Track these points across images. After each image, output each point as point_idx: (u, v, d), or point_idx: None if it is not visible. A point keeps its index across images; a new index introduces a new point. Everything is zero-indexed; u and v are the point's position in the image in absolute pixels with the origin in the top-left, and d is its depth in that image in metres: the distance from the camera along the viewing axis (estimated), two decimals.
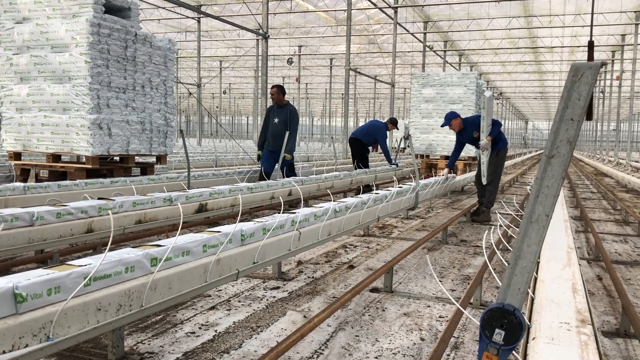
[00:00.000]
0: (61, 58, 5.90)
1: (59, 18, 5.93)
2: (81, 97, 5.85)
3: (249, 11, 17.95)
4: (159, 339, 2.88)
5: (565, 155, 1.31)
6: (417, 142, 12.15)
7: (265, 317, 3.27)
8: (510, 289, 1.34)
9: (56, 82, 5.98)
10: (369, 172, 9.58)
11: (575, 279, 2.54)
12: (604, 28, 23.46)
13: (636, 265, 5.00)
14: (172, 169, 9.77)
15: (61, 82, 5.96)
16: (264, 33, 11.73)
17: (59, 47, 5.93)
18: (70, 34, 5.83)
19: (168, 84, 6.94)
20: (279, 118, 7.87)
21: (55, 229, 3.53)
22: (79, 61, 5.81)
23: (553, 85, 43.35)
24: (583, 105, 1.29)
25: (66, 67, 5.88)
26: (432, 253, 5.28)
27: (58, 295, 1.90)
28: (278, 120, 7.86)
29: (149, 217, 4.38)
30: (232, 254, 2.81)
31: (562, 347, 1.72)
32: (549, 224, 1.31)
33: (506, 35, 26.84)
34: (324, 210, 3.92)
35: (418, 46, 26.08)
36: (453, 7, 21.82)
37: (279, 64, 34.91)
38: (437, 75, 12.18)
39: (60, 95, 5.94)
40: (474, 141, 7.41)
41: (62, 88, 5.93)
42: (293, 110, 7.96)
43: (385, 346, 2.87)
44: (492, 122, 7.08)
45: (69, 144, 5.99)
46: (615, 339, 3.07)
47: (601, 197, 11.32)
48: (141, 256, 2.26)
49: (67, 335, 1.91)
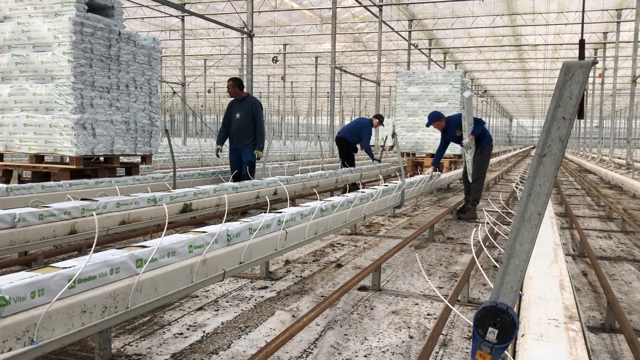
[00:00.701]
0: (43, 57, 5.82)
1: (41, 17, 5.85)
2: (64, 97, 5.78)
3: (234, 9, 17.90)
4: (147, 341, 2.84)
5: (557, 154, 1.30)
6: (403, 140, 12.19)
7: (254, 317, 3.25)
8: (503, 287, 1.33)
9: (38, 81, 5.90)
10: (354, 171, 9.59)
11: (563, 276, 2.55)
12: (587, 26, 23.68)
13: (620, 261, 5.05)
14: (158, 169, 9.70)
15: (43, 81, 5.88)
16: (248, 31, 11.68)
17: (41, 47, 5.85)
18: (52, 32, 5.75)
19: (152, 83, 6.87)
20: (240, 112, 7.23)
21: (37, 230, 3.48)
22: (62, 60, 5.74)
23: (537, 82, 43.72)
24: (575, 104, 1.29)
25: (49, 67, 5.80)
26: (420, 251, 5.29)
27: (42, 298, 1.86)
28: (240, 115, 7.22)
29: (133, 217, 4.34)
30: (219, 254, 2.79)
31: (551, 344, 1.72)
32: (541, 223, 1.30)
33: (490, 34, 27.02)
34: (310, 209, 3.91)
35: (403, 44, 26.14)
36: (437, 5, 21.91)
37: (264, 62, 34.82)
38: (422, 74, 12.23)
39: (43, 95, 5.86)
40: (458, 140, 7.43)
41: (45, 88, 5.85)
42: (255, 102, 7.30)
43: (374, 345, 2.86)
44: (475, 121, 7.12)
45: (53, 145, 5.92)
46: (601, 334, 3.10)
47: (585, 194, 11.44)
48: (126, 257, 2.24)
49: (51, 338, 1.88)
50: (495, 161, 19.97)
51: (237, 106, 7.28)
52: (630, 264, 4.95)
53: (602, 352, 2.84)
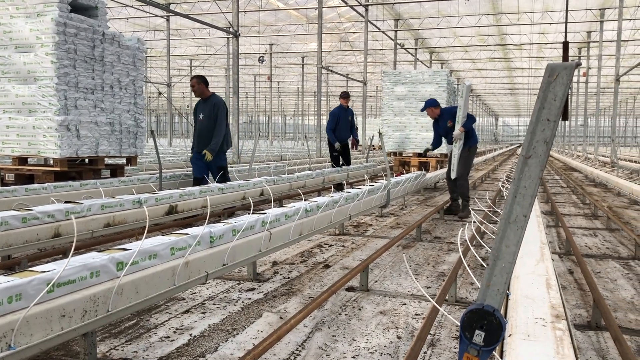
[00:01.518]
0: (26, 58, 5.74)
1: (23, 17, 5.77)
2: (48, 98, 5.70)
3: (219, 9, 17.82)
4: (133, 344, 2.80)
5: (542, 156, 1.29)
6: (389, 139, 12.19)
7: (241, 319, 3.22)
8: (490, 289, 1.32)
9: (21, 83, 5.82)
10: (341, 171, 9.58)
11: (549, 274, 2.55)
12: (571, 25, 23.88)
13: (605, 259, 5.08)
14: (143, 170, 9.62)
15: (26, 83, 5.79)
16: (234, 31, 11.63)
17: (24, 47, 5.76)
18: (35, 33, 5.67)
19: (137, 84, 6.80)
20: (203, 113, 6.72)
21: (20, 234, 3.42)
22: (45, 61, 5.66)
23: (522, 81, 44.07)
24: (559, 106, 1.28)
25: (31, 68, 5.72)
26: (407, 250, 5.28)
27: (19, 303, 1.82)
28: (203, 116, 6.72)
29: (117, 220, 4.29)
30: (201, 256, 2.76)
31: (538, 343, 1.71)
32: (527, 224, 1.29)
33: (476, 33, 27.18)
34: (294, 210, 3.89)
35: (389, 44, 26.23)
36: (423, 5, 21.99)
37: (250, 62, 34.73)
38: (409, 73, 12.24)
39: (26, 96, 5.78)
40: (447, 132, 7.51)
41: (28, 89, 5.77)
42: (218, 101, 6.73)
43: (362, 345, 2.85)
44: (467, 115, 7.20)
45: (36, 147, 5.84)
46: (587, 332, 3.10)
47: (571, 192, 11.52)
48: (106, 260, 2.20)
49: (29, 343, 1.84)
50: (482, 160, 20.08)
51: (202, 106, 6.81)
52: (616, 261, 4.98)
53: (588, 350, 2.84)
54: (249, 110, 62.85)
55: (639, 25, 23.12)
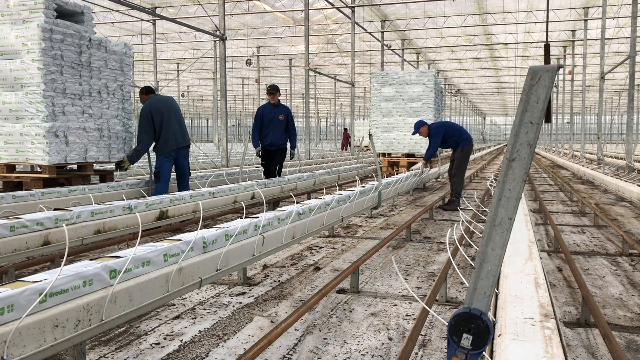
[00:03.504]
0: (12, 65, 5.72)
1: (8, 24, 5.74)
2: (35, 105, 5.69)
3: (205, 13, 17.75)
4: (123, 352, 2.80)
5: (525, 158, 1.31)
6: (378, 140, 12.24)
7: (232, 324, 3.22)
8: (477, 293, 1.34)
9: (7, 90, 5.79)
10: (332, 173, 9.59)
11: (537, 273, 2.58)
12: (555, 24, 24.15)
13: (594, 255, 5.14)
14: (132, 176, 9.58)
15: (13, 89, 5.77)
16: (221, 35, 11.62)
17: (9, 54, 5.74)
18: (20, 40, 5.65)
19: (125, 89, 6.78)
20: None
21: (8, 242, 3.40)
22: (32, 68, 5.64)
23: (509, 80, 44.36)
24: (542, 108, 1.30)
25: (18, 75, 5.70)
26: (397, 251, 5.31)
27: (11, 314, 1.82)
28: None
29: (108, 226, 4.27)
30: (195, 262, 2.76)
31: (527, 343, 1.74)
32: (512, 227, 1.31)
33: (462, 33, 27.33)
34: (287, 213, 3.90)
35: (376, 45, 26.30)
36: (409, 6, 22.08)
37: (237, 65, 34.69)
38: (396, 74, 12.29)
39: (13, 103, 5.76)
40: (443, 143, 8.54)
41: (14, 96, 5.75)
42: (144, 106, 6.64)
43: (353, 348, 2.86)
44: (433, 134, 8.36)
45: (24, 154, 5.83)
46: (577, 329, 3.14)
47: (558, 190, 11.62)
48: (99, 268, 2.19)
49: (22, 355, 1.83)
50: (470, 159, 20.17)
51: None
52: (604, 258, 5.04)
53: (578, 347, 2.88)
54: (237, 113, 62.71)
55: (622, 23, 23.36)
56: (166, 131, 6.50)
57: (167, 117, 6.52)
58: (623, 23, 23.22)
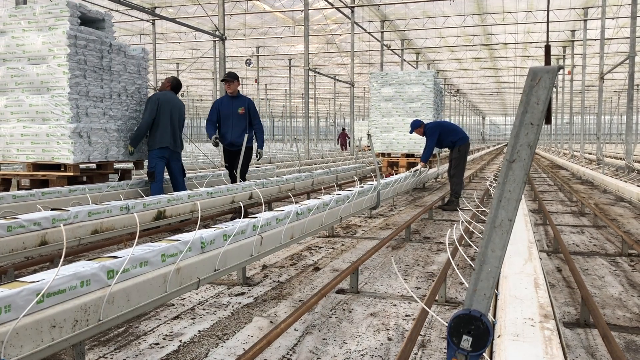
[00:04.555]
0: (39, 69, 5.98)
1: (35, 31, 6.00)
2: (60, 107, 5.93)
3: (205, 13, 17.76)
4: (122, 352, 2.79)
5: (526, 160, 1.30)
6: (378, 140, 12.23)
7: (231, 324, 3.21)
8: (476, 294, 1.33)
9: (34, 93, 6.06)
10: (330, 173, 9.59)
11: (537, 274, 2.57)
12: (555, 24, 24.16)
13: (593, 256, 5.14)
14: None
15: (39, 92, 6.04)
16: (220, 35, 11.62)
17: (36, 59, 6.01)
18: (47, 46, 5.91)
19: (142, 92, 7.03)
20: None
21: (6, 243, 3.39)
22: (57, 72, 5.90)
23: (508, 80, 44.37)
24: (542, 109, 1.29)
25: (44, 78, 5.97)
26: (397, 251, 5.30)
27: (9, 314, 1.81)
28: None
29: (105, 226, 4.26)
30: (192, 262, 2.75)
31: (527, 344, 1.73)
32: (512, 229, 1.30)
33: (461, 33, 27.34)
34: (285, 213, 3.89)
35: (376, 45, 26.30)
36: (409, 6, 22.08)
37: (237, 65, 34.68)
38: (396, 74, 12.29)
39: (39, 105, 6.03)
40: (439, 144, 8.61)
41: (41, 99, 6.02)
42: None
43: (353, 348, 2.85)
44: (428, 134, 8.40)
45: (50, 153, 6.08)
46: (576, 329, 3.13)
47: (558, 190, 11.62)
48: (97, 269, 2.18)
49: (19, 355, 1.82)
50: (469, 159, 20.18)
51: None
52: (603, 258, 5.03)
53: (577, 348, 2.87)
54: None
55: (622, 23, 23.37)
56: (163, 128, 6.60)
57: (169, 116, 6.64)
58: (622, 23, 23.23)
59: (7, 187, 6.43)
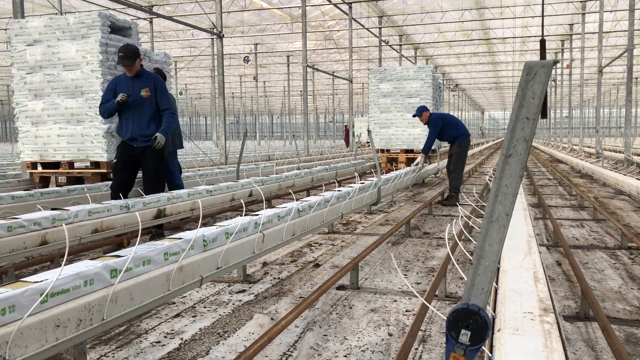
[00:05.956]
0: (73, 75, 6.53)
1: (69, 40, 6.54)
2: (94, 109, 6.44)
3: (202, 10, 17.74)
4: (124, 351, 2.80)
5: (522, 154, 1.32)
6: (377, 137, 12.24)
7: (232, 321, 3.23)
8: (474, 288, 1.34)
9: (69, 96, 6.61)
10: (329, 169, 9.59)
11: (537, 268, 2.58)
12: (553, 18, 24.13)
13: (593, 249, 5.15)
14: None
15: (74, 96, 6.60)
16: (218, 32, 11.61)
17: (70, 65, 6.55)
18: (80, 53, 6.46)
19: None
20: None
21: (6, 243, 3.40)
22: (90, 77, 6.46)
23: (507, 75, 44.36)
24: (538, 104, 1.30)
25: (78, 83, 6.53)
26: (397, 247, 5.31)
27: (13, 315, 1.82)
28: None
29: (105, 225, 4.28)
30: (195, 260, 2.76)
31: (526, 337, 1.75)
32: (509, 223, 1.31)
33: (459, 28, 27.31)
34: (287, 210, 3.90)
35: (374, 41, 26.28)
36: (407, 1, 22.06)
37: (235, 62, 34.63)
38: (394, 70, 12.28)
39: (74, 108, 6.59)
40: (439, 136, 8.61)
41: (75, 102, 6.57)
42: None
43: (353, 344, 2.87)
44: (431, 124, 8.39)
45: (84, 152, 6.64)
46: (576, 323, 3.15)
47: (557, 184, 11.63)
48: (100, 268, 2.20)
49: (24, 355, 1.84)
50: (469, 154, 20.19)
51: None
52: (603, 251, 5.05)
53: (577, 341, 2.89)
54: (235, 111, 62.68)
55: (620, 16, 23.36)
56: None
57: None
58: (621, 16, 23.21)
59: (46, 184, 6.98)
